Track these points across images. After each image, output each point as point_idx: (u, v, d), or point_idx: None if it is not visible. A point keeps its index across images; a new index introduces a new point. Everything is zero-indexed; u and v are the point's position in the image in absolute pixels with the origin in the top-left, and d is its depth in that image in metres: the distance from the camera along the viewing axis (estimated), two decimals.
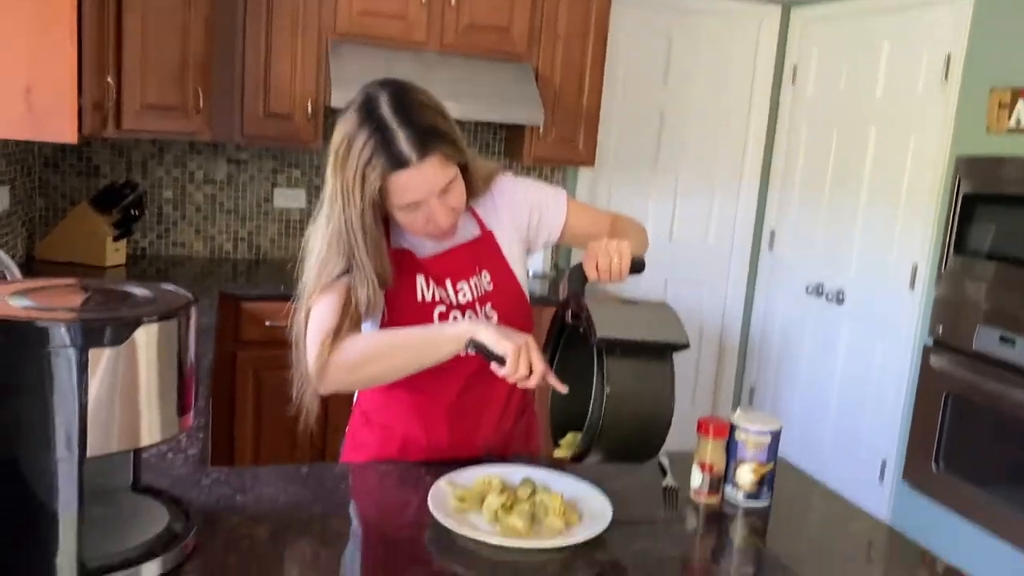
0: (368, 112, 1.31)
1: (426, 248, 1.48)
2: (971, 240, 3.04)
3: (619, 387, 1.25)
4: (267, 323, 2.94)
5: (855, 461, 3.60)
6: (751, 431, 1.44)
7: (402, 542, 1.22)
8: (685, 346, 1.29)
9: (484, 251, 1.52)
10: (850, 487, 1.67)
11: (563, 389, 1.31)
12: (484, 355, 1.30)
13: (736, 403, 4.32)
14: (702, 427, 1.46)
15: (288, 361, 1.47)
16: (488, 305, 1.51)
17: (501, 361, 1.28)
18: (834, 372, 3.74)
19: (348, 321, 1.38)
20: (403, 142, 1.29)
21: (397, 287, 1.43)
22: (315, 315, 1.40)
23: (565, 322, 1.42)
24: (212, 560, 1.12)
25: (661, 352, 1.29)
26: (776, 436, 1.45)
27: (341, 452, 1.65)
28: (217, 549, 1.15)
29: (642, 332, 1.30)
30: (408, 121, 1.30)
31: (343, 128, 1.34)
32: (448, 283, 1.47)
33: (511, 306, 1.53)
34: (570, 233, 1.60)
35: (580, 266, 1.40)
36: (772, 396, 4.13)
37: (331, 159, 1.35)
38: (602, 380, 1.24)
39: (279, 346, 1.59)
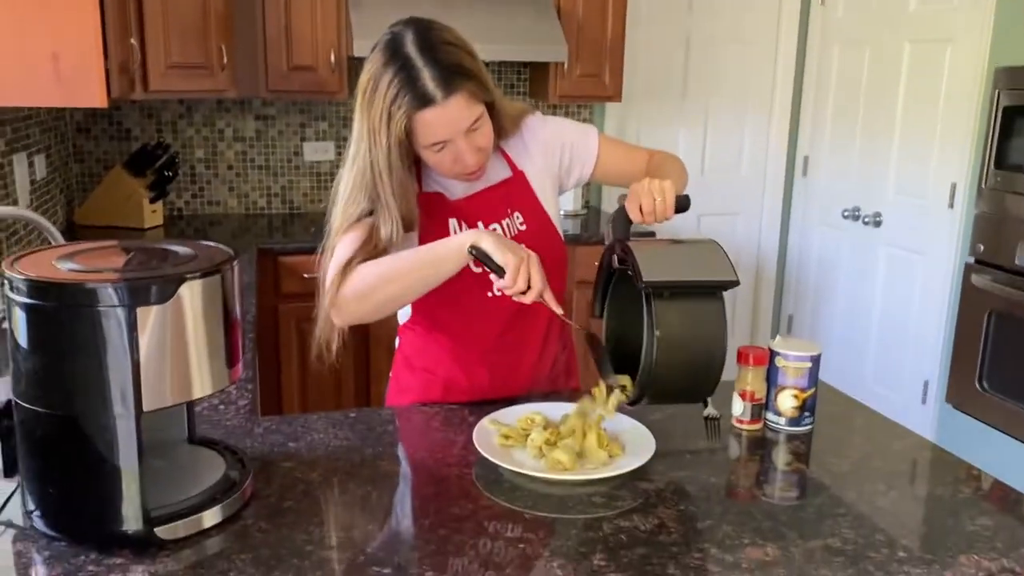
0: (393, 51, 1.31)
1: (457, 190, 1.49)
2: (1012, 154, 2.96)
3: (669, 330, 1.23)
4: (305, 275, 2.98)
5: (897, 385, 3.58)
6: (791, 357, 1.44)
7: (450, 479, 1.25)
8: (735, 283, 1.27)
9: (515, 191, 1.52)
10: (892, 411, 1.67)
11: (559, 311, 1.32)
12: (484, 263, 1.28)
13: (775, 332, 4.30)
14: (742, 356, 1.46)
15: None
16: (522, 246, 1.50)
17: (501, 272, 1.27)
18: (873, 296, 3.70)
19: (364, 255, 1.38)
20: (428, 80, 1.29)
21: (430, 230, 1.44)
22: (336, 252, 1.42)
23: (612, 267, 1.40)
24: (269, 505, 1.16)
25: (710, 292, 1.27)
26: (816, 361, 1.45)
27: (386, 396, 1.69)
28: (274, 494, 1.19)
29: (689, 272, 1.28)
30: (433, 59, 1.30)
31: (369, 68, 1.34)
32: (480, 226, 1.47)
33: (545, 246, 1.52)
34: (602, 170, 1.59)
35: (623, 209, 1.37)
36: (811, 324, 4.10)
37: (358, 99, 1.36)
38: (652, 324, 1.22)
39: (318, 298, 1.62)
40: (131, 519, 1.04)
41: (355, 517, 1.15)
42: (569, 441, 1.32)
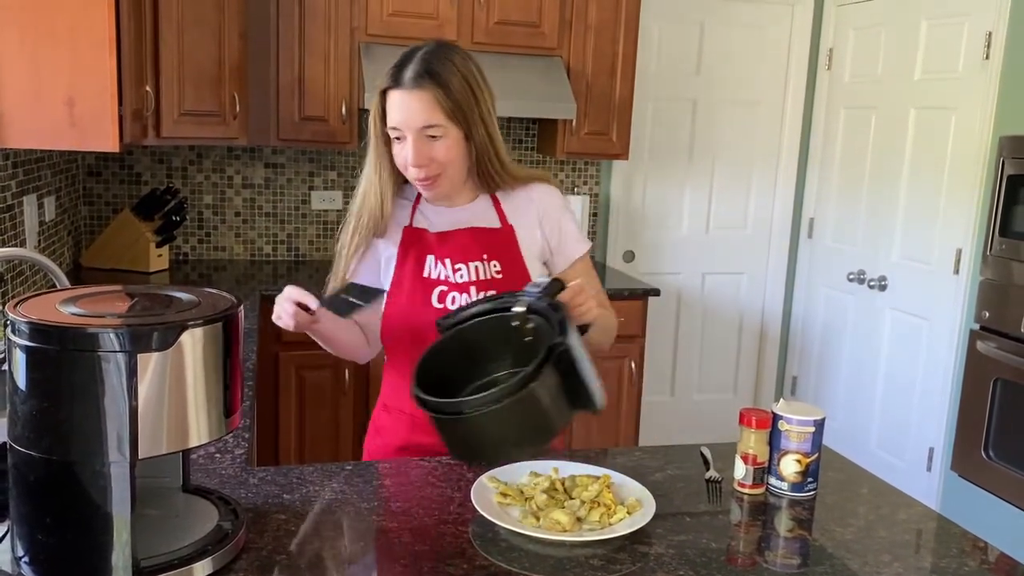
0: (411, 49, 1.51)
1: (439, 225, 1.59)
2: (1017, 222, 2.97)
3: (539, 391, 1.17)
4: None
5: (901, 451, 3.54)
6: (794, 421, 1.43)
7: (446, 536, 1.23)
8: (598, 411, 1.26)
9: (499, 243, 1.59)
10: (897, 477, 1.65)
11: (313, 304, 1.47)
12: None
13: (779, 394, 4.28)
14: (744, 418, 1.45)
15: (329, 361, 1.59)
16: (490, 292, 1.55)
17: None
18: (878, 360, 3.68)
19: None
20: (409, 70, 1.46)
21: (408, 262, 1.57)
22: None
23: (509, 310, 1.35)
24: (262, 557, 1.14)
25: (586, 396, 1.23)
26: (820, 426, 1.43)
27: (365, 440, 1.74)
28: (266, 546, 1.17)
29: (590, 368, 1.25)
30: (425, 60, 1.47)
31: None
32: (448, 262, 1.57)
33: None
34: (569, 276, 1.63)
35: (561, 282, 1.36)
36: (815, 386, 4.08)
37: None
38: (529, 376, 1.16)
39: (320, 346, 1.62)
40: (120, 569, 1.02)
41: (347, 573, 1.12)
42: (568, 501, 1.30)
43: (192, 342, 1.03)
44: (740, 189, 4.12)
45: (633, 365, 3.41)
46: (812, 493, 1.45)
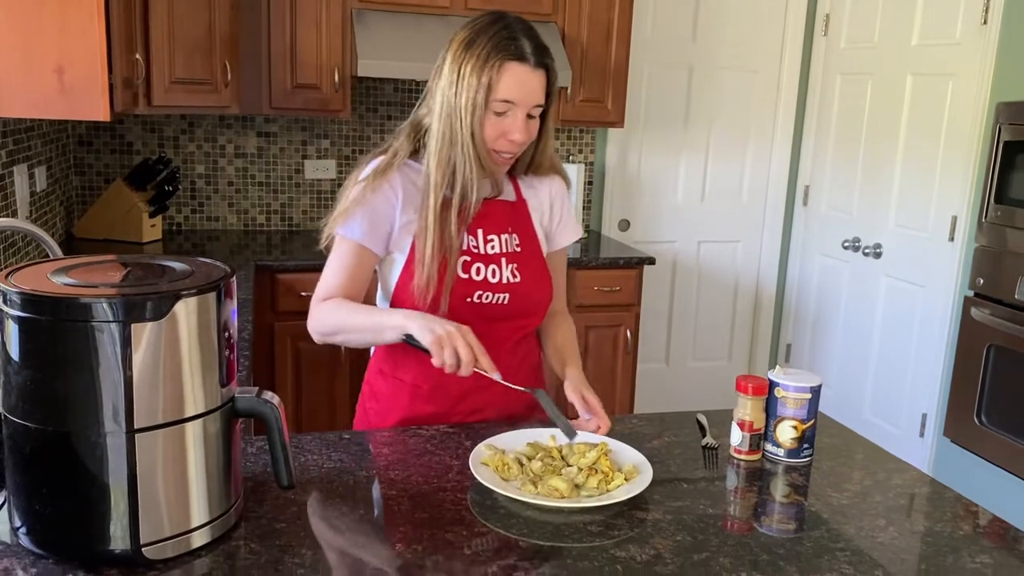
0: (499, 17, 1.48)
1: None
2: (1013, 189, 2.97)
3: None
4: (303, 294, 2.97)
5: (895, 417, 3.57)
6: (790, 388, 1.43)
7: (444, 504, 1.24)
8: None
9: (517, 216, 1.61)
10: (891, 443, 1.66)
11: (497, 376, 1.35)
12: (417, 347, 1.38)
13: (773, 361, 4.29)
14: (741, 385, 1.45)
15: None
16: (514, 266, 1.57)
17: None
18: (872, 327, 3.69)
19: (345, 286, 1.51)
20: (526, 46, 1.45)
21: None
22: (325, 271, 1.54)
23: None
24: (261, 526, 1.14)
25: None
26: (816, 392, 1.44)
27: (359, 400, 1.71)
28: (265, 515, 1.17)
29: None
30: (532, 35, 1.48)
31: (471, 26, 1.48)
32: (480, 233, 1.55)
33: (534, 274, 1.60)
34: (551, 260, 1.69)
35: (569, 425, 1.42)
36: (809, 353, 4.09)
37: (454, 48, 1.47)
38: None
39: None
40: (119, 538, 1.02)
41: (347, 541, 1.13)
42: (566, 468, 1.31)
43: (186, 311, 1.02)
44: (736, 156, 4.10)
45: (628, 333, 3.41)
46: (808, 459, 1.45)
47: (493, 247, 1.55)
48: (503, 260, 1.55)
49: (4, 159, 2.36)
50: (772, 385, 1.45)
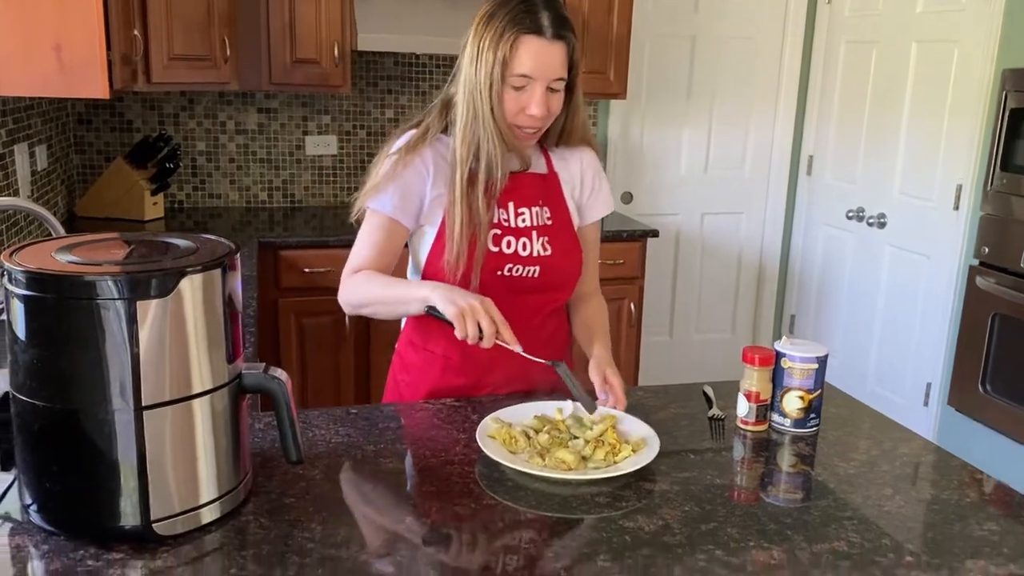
0: None
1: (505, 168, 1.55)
2: (1019, 156, 2.95)
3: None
4: (306, 270, 2.97)
5: (899, 386, 3.57)
6: (797, 358, 1.43)
7: (452, 477, 1.24)
8: None
9: (548, 188, 1.60)
10: (895, 413, 1.66)
11: (518, 348, 1.34)
12: (440, 319, 1.36)
13: (777, 332, 4.29)
14: (747, 356, 1.45)
15: (328, 308, 1.59)
16: (545, 239, 1.56)
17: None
18: (876, 297, 3.69)
19: (375, 259, 1.52)
20: (544, 18, 1.43)
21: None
22: (356, 244, 1.55)
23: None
24: (271, 501, 1.15)
25: None
26: (823, 362, 1.44)
27: (390, 371, 1.71)
28: (274, 490, 1.18)
29: None
30: (552, 6, 1.45)
31: (491, 1, 1.46)
32: (511, 206, 1.54)
33: (565, 247, 1.59)
34: (582, 235, 1.66)
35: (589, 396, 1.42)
36: (813, 324, 4.09)
37: (475, 23, 1.46)
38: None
39: (319, 292, 1.62)
40: (129, 515, 1.03)
41: (357, 515, 1.13)
42: (572, 441, 1.31)
43: (191, 288, 1.02)
44: (739, 127, 4.08)
45: (632, 306, 3.41)
46: (814, 429, 1.45)
47: (524, 220, 1.54)
48: (534, 233, 1.55)
49: (4, 138, 2.35)
50: (778, 356, 1.45)
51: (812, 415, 1.44)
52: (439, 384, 1.58)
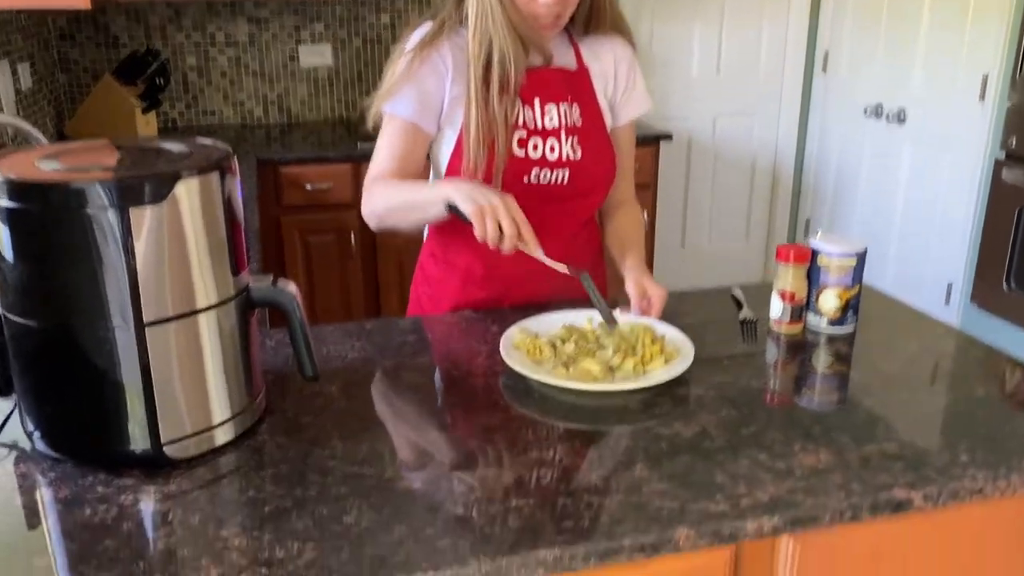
0: None
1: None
2: None
3: None
4: (307, 187, 2.87)
5: (918, 288, 3.50)
6: (834, 254, 1.35)
7: (477, 390, 1.18)
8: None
9: (578, 85, 1.46)
10: None
11: (539, 254, 1.25)
12: (461, 219, 1.26)
13: (791, 238, 4.20)
14: (781, 254, 1.37)
15: (332, 225, 1.50)
16: (574, 138, 1.44)
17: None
18: (896, 196, 3.58)
19: (393, 173, 1.41)
20: None
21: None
22: (375, 153, 1.43)
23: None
24: (286, 420, 1.09)
25: None
26: (861, 258, 1.36)
27: (412, 285, 1.63)
28: (290, 409, 1.12)
29: None
30: None
31: None
32: (537, 102, 1.42)
33: (596, 149, 1.47)
34: (615, 137, 1.53)
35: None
36: (829, 228, 4.00)
37: None
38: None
39: (321, 209, 1.53)
40: (138, 438, 0.97)
41: (379, 430, 1.07)
42: (599, 351, 1.24)
43: (188, 193, 0.94)
44: (751, 23, 3.89)
45: (644, 215, 3.31)
46: (852, 328, 1.39)
47: (551, 120, 1.42)
48: (562, 134, 1.42)
49: None
50: (814, 253, 1.37)
51: (850, 313, 1.37)
52: (461, 298, 1.50)
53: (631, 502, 0.92)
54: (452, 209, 1.27)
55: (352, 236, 2.93)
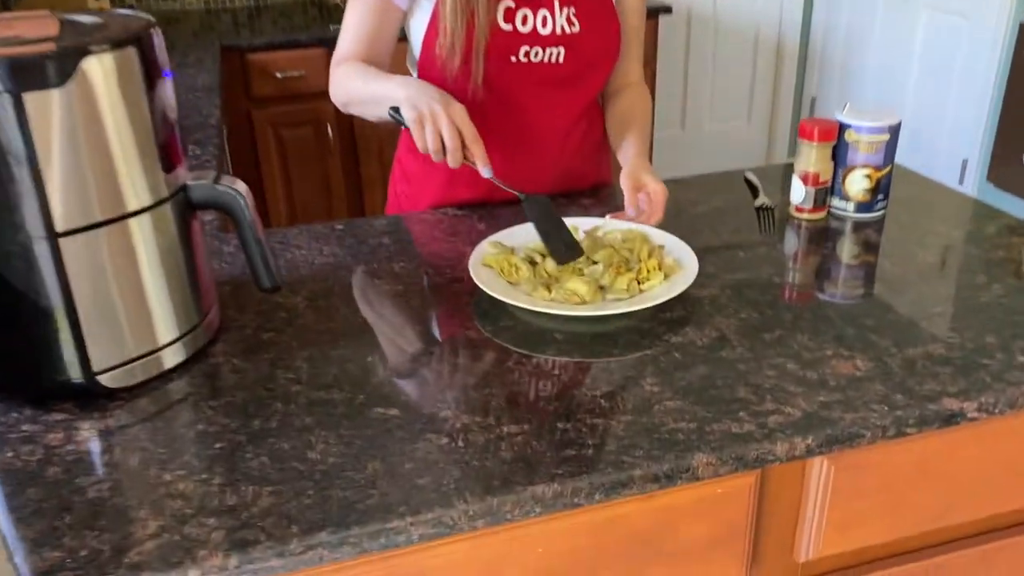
0: None
1: None
2: None
3: None
4: (278, 75, 2.65)
5: (931, 165, 3.32)
6: (864, 129, 1.19)
7: (462, 297, 1.04)
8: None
9: None
10: None
11: (487, 172, 1.09)
12: (403, 124, 1.12)
13: (796, 117, 3.99)
14: (805, 131, 1.21)
15: (307, 116, 1.32)
16: (571, 9, 1.23)
17: None
18: (908, 71, 3.36)
19: (364, 50, 1.25)
20: None
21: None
22: (341, 31, 1.27)
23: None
24: (244, 337, 0.95)
25: None
26: (895, 133, 1.20)
27: (390, 181, 1.47)
28: (249, 325, 0.98)
29: None
30: None
31: None
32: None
33: (597, 20, 1.27)
34: (621, 7, 1.31)
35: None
36: (836, 106, 3.78)
37: None
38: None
39: (295, 100, 1.35)
40: (67, 367, 0.83)
41: (350, 348, 0.93)
42: (596, 268, 1.05)
43: (101, 73, 0.77)
44: None
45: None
46: (881, 212, 1.24)
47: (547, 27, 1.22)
48: (556, 4, 1.22)
49: None
50: (841, 128, 1.21)
51: (880, 196, 1.22)
52: (443, 197, 1.33)
53: (641, 424, 0.79)
54: (395, 115, 1.12)
55: (329, 129, 2.73)
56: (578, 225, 1.14)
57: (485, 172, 1.09)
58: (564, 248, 1.07)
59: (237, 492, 0.72)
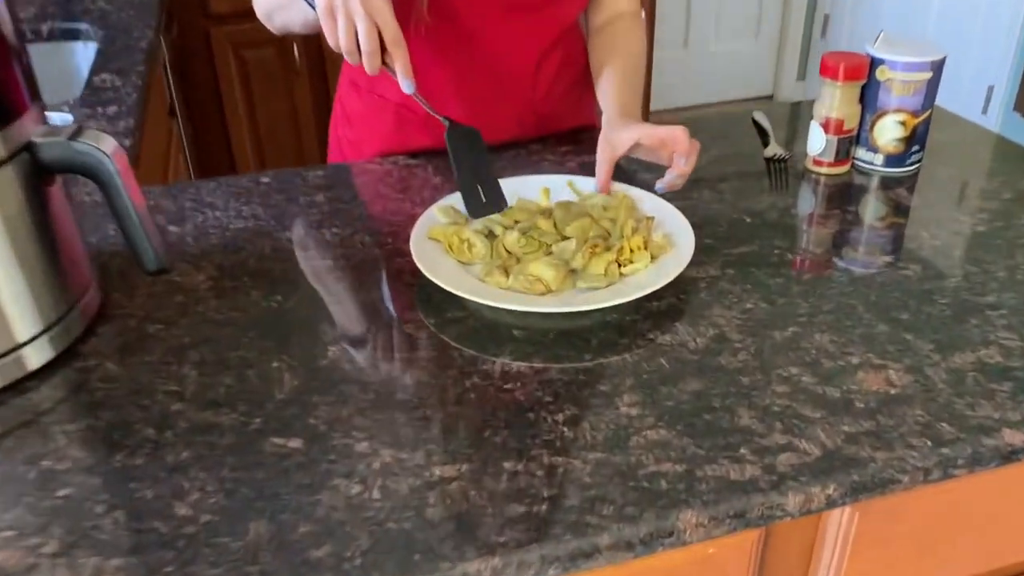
0: None
1: None
2: None
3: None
4: None
5: (954, 93, 3.07)
6: (900, 66, 0.98)
7: (404, 275, 0.85)
8: None
9: None
10: None
11: (408, 86, 0.87)
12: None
13: (807, 38, 3.71)
14: (827, 67, 1.00)
15: (272, 36, 1.15)
16: None
17: None
18: None
19: None
20: None
21: None
22: None
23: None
24: (125, 331, 0.76)
25: None
26: (938, 70, 0.98)
27: (330, 125, 1.27)
28: (135, 313, 0.79)
29: None
30: None
31: None
32: None
33: None
34: None
35: None
36: (850, 26, 3.50)
37: None
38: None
39: (256, 17, 1.13)
40: None
41: (252, 350, 0.74)
42: (567, 245, 0.84)
43: None
44: None
45: (642, 15, 2.83)
46: (915, 167, 1.04)
47: None
48: None
49: None
50: (873, 64, 0.99)
51: (915, 147, 1.02)
52: (393, 144, 1.12)
53: (613, 465, 0.61)
54: (311, 4, 0.90)
55: (295, 48, 2.48)
56: (548, 186, 0.94)
57: (405, 85, 0.87)
58: (480, 197, 0.88)
59: (72, 568, 0.54)
